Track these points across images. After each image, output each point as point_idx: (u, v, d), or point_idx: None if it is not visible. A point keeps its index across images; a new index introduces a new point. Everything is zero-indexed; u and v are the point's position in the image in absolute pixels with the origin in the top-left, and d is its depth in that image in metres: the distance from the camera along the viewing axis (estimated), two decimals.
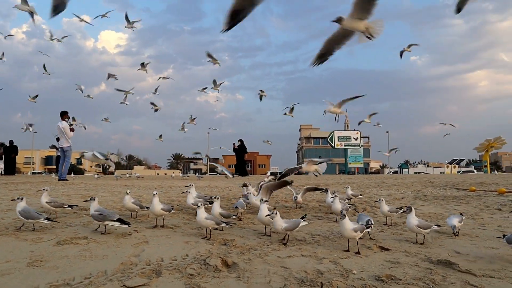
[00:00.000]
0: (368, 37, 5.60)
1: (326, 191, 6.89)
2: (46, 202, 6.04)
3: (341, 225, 4.13)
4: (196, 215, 4.75)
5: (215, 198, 5.46)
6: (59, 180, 16.64)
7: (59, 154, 25.13)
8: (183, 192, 5.51)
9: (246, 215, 6.59)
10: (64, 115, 16.58)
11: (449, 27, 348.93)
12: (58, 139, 24.77)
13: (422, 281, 3.17)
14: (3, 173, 27.38)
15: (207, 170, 79.91)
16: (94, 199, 5.01)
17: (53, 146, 25.84)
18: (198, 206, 4.70)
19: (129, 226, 4.96)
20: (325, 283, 3.03)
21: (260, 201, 4.79)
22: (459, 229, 4.82)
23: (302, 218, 4.63)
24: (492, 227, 5.72)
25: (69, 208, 6.30)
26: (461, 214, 5.23)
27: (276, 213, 4.49)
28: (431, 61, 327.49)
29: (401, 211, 5.63)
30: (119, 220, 4.81)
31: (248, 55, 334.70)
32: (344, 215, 4.13)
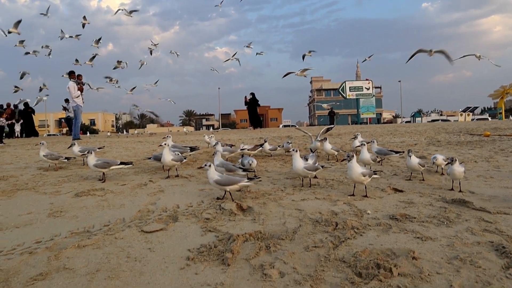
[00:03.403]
0: None
1: (325, 139, 7.06)
2: (43, 155, 6.47)
3: (349, 168, 4.10)
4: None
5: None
6: (73, 140, 16.79)
7: (68, 115, 25.42)
8: (160, 145, 5.60)
9: (259, 164, 6.63)
10: (71, 74, 16.47)
11: None
12: (66, 100, 24.91)
13: (437, 218, 3.19)
14: (19, 135, 27.49)
15: (219, 125, 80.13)
16: (91, 152, 5.31)
17: (64, 108, 25.69)
18: (209, 166, 4.16)
19: (132, 165, 5.52)
20: (340, 223, 3.06)
21: (293, 150, 4.68)
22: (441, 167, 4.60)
23: (250, 179, 4.15)
24: (507, 169, 5.68)
25: (65, 160, 6.73)
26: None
27: (210, 165, 4.08)
28: (443, 7, 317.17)
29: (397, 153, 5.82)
30: (122, 163, 5.36)
31: (254, 8, 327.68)
32: (353, 156, 4.10)
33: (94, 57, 24.65)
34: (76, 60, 24.51)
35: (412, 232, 2.86)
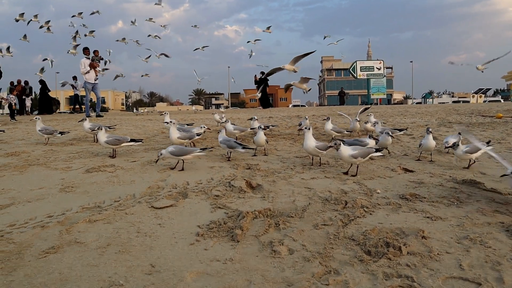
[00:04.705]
0: None
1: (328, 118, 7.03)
2: (39, 130, 6.73)
3: (339, 153, 4.12)
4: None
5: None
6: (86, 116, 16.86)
7: (76, 92, 25.68)
8: (165, 122, 5.76)
9: (270, 142, 6.63)
10: (84, 51, 16.50)
11: None
12: (74, 78, 25.01)
13: (447, 199, 3.17)
14: (29, 110, 27.40)
15: (228, 104, 80.00)
16: (101, 128, 5.42)
17: (72, 85, 25.62)
18: (160, 154, 4.58)
19: (142, 142, 5.68)
20: (349, 201, 3.06)
21: (307, 129, 4.67)
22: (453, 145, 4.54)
23: (203, 149, 4.63)
24: None
25: (59, 135, 6.88)
26: (459, 133, 5.20)
27: (162, 154, 4.45)
28: None
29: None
30: (132, 140, 5.43)
31: None
32: (340, 143, 4.10)
33: (93, 31, 24.47)
34: (74, 38, 24.02)
35: (422, 212, 2.85)
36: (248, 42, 31.52)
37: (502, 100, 56.25)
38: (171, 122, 5.57)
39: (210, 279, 1.93)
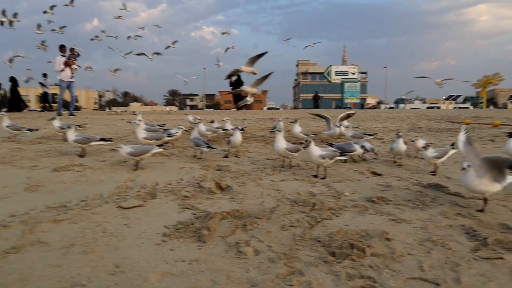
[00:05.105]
0: None
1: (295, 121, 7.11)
2: (6, 126, 6.54)
3: (308, 152, 4.15)
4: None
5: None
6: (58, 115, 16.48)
7: (45, 91, 25.31)
8: (129, 122, 5.70)
9: (242, 144, 6.63)
10: (61, 48, 16.13)
11: None
12: (44, 75, 24.63)
13: (412, 202, 3.24)
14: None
15: (203, 106, 79.67)
16: (71, 127, 5.26)
17: (41, 84, 25.01)
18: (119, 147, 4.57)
19: (112, 141, 5.54)
20: (317, 204, 3.09)
21: (278, 131, 4.68)
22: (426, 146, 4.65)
23: (160, 145, 4.75)
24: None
25: (28, 132, 6.72)
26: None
27: (120, 146, 4.46)
28: None
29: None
30: (101, 139, 5.31)
31: None
32: (310, 142, 4.14)
33: (63, 26, 24.00)
34: (38, 26, 23.25)
35: (388, 215, 2.91)
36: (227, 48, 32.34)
37: (471, 107, 57.83)
38: (135, 122, 5.51)
39: (175, 279, 1.92)
